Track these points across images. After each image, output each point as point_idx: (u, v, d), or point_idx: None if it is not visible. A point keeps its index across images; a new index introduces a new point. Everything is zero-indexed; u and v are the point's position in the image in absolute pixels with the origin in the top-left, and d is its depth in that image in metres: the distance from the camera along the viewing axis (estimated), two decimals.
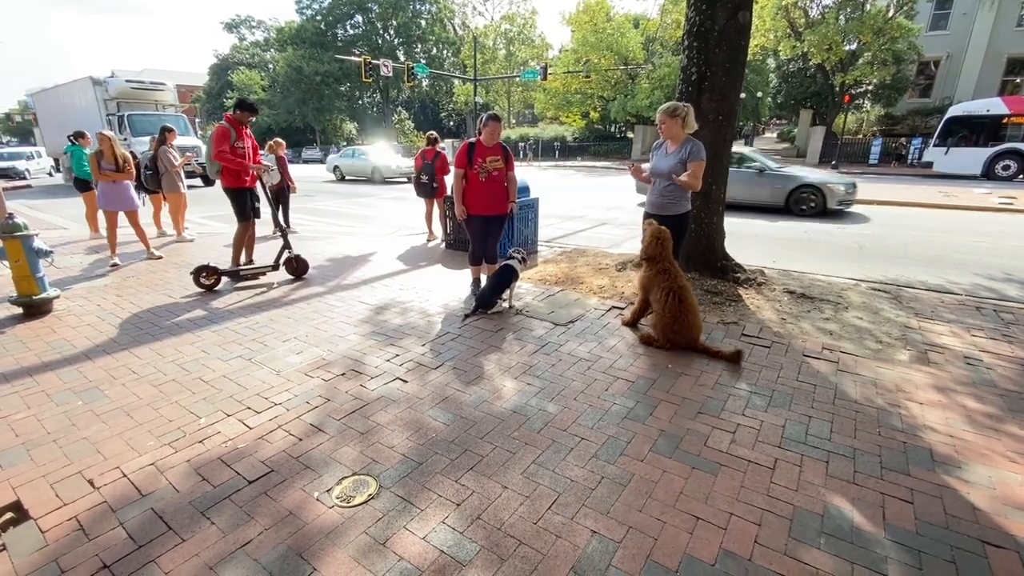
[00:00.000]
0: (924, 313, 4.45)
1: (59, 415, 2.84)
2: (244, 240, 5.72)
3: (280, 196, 7.92)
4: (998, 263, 6.48)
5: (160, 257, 6.64)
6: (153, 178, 7.62)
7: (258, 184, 5.68)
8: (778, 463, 2.42)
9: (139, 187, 7.56)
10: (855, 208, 10.77)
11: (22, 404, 2.95)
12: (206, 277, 5.16)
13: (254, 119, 5.51)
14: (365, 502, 2.16)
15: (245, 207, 5.58)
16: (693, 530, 2.00)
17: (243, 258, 5.85)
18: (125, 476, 2.32)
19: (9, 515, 2.09)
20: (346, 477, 2.32)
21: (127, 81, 17.90)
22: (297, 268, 5.66)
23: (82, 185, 8.00)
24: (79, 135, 8.15)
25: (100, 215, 6.93)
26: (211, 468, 2.38)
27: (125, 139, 16.38)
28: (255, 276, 5.56)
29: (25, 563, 1.85)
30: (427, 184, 7.32)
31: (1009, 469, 2.37)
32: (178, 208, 7.87)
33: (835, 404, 2.95)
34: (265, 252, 6.41)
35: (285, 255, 5.57)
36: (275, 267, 5.57)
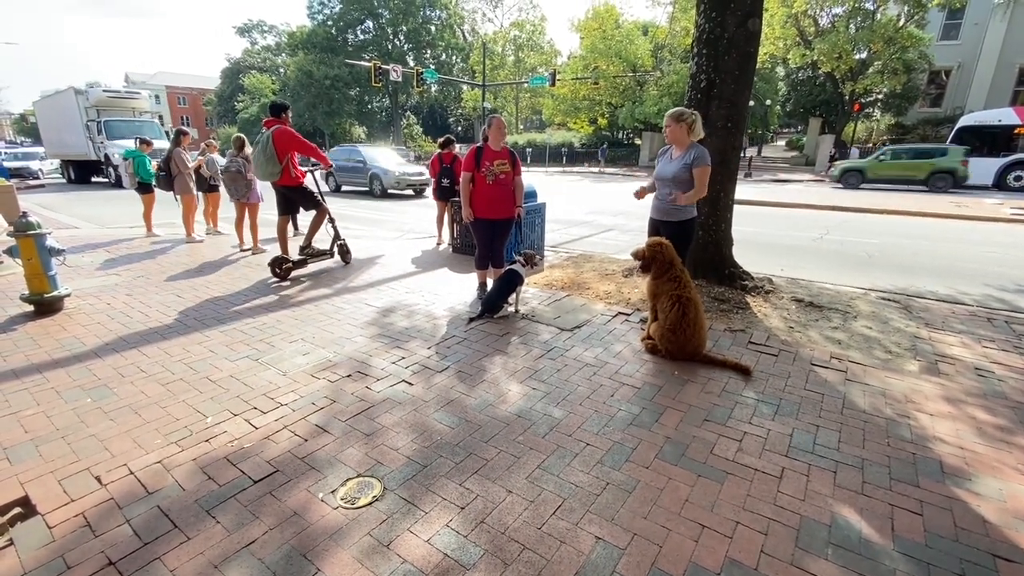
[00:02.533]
0: (934, 323, 4.41)
1: (68, 412, 2.86)
2: (320, 224, 6.18)
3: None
4: (1009, 274, 6.41)
5: (264, 251, 7.07)
6: (166, 179, 7.70)
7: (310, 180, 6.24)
8: (785, 472, 2.40)
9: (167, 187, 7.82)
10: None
11: (32, 401, 2.98)
12: (280, 267, 5.70)
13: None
14: (369, 504, 2.16)
15: (315, 197, 6.07)
16: (699, 538, 1.99)
17: (281, 245, 6.25)
18: (132, 473, 2.34)
19: (17, 510, 2.11)
20: (351, 478, 2.32)
21: (104, 91, 19.57)
22: (345, 254, 6.47)
23: (144, 188, 8.15)
24: (143, 141, 8.32)
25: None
26: (217, 467, 2.39)
27: (102, 142, 17.81)
28: (319, 257, 6.26)
29: (32, 558, 1.87)
30: (448, 187, 7.37)
31: (1020, 482, 2.34)
32: (190, 210, 7.96)
33: (843, 414, 2.92)
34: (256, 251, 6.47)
35: (337, 243, 6.36)
36: (331, 253, 6.35)
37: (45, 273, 4.45)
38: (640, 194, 4.27)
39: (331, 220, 6.27)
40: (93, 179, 20.28)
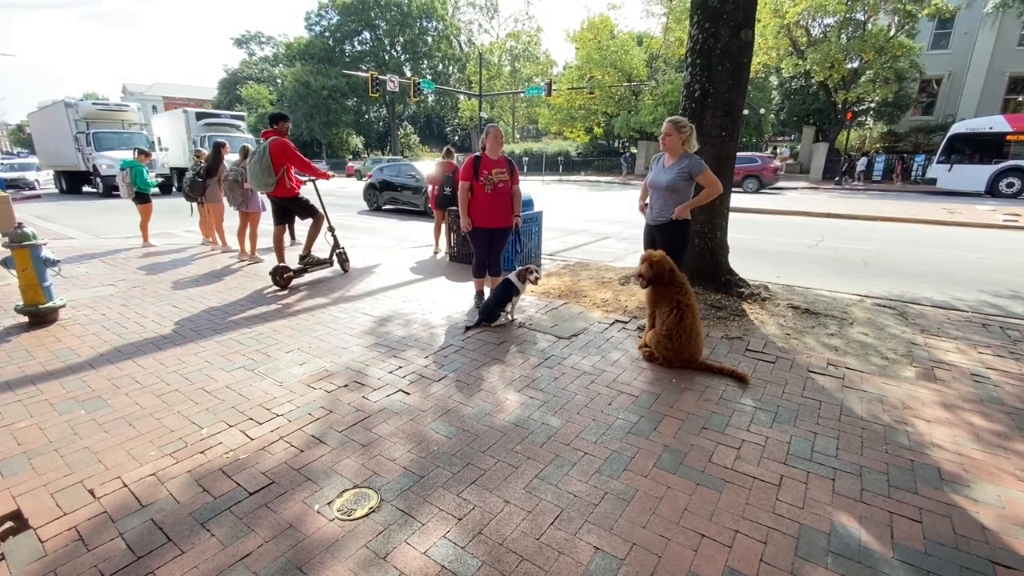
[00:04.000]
0: (930, 329, 4.42)
1: (61, 424, 2.84)
2: (318, 232, 6.25)
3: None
4: (1004, 280, 6.45)
5: (262, 260, 7.15)
6: (199, 187, 7.73)
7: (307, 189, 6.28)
8: (784, 480, 2.39)
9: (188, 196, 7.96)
10: None
11: (25, 413, 2.96)
12: (280, 276, 5.72)
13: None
14: (366, 515, 2.14)
15: (311, 206, 6.11)
16: (698, 548, 1.98)
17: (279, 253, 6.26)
18: (126, 486, 2.31)
19: (9, 524, 2.08)
20: (347, 490, 2.30)
21: (93, 104, 20.14)
22: (344, 262, 6.51)
23: (141, 198, 8.19)
24: (142, 152, 8.38)
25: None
26: (212, 479, 2.37)
27: (91, 153, 18.15)
28: (318, 266, 6.28)
29: (24, 573, 1.84)
30: (449, 196, 7.40)
31: (1018, 488, 2.34)
32: (221, 218, 8.07)
33: (841, 421, 2.92)
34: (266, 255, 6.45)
35: (336, 251, 6.43)
36: (330, 262, 6.38)
37: (40, 284, 4.43)
38: (644, 208, 4.34)
39: (331, 229, 6.32)
40: (84, 189, 20.55)
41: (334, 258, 6.44)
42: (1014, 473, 2.45)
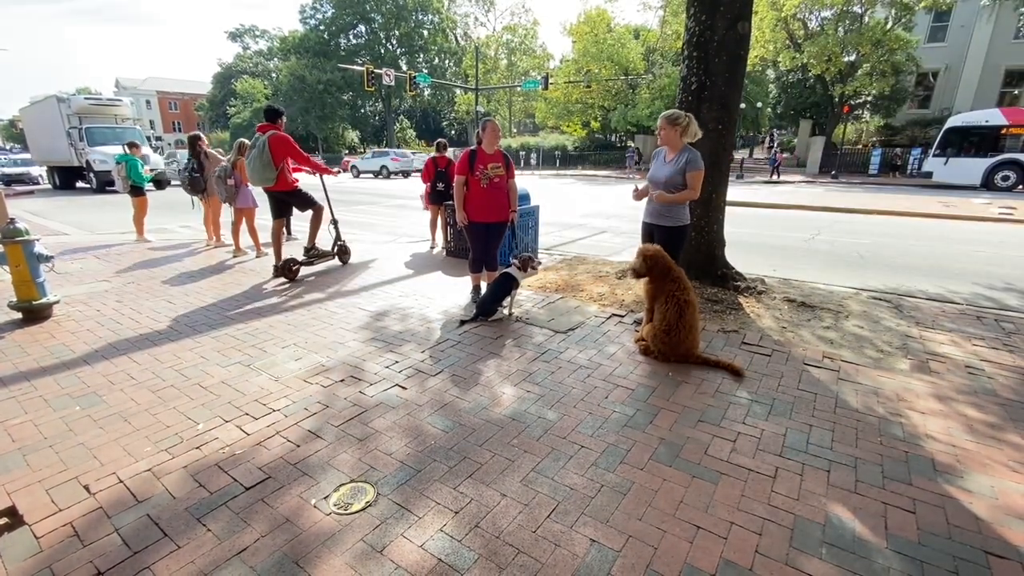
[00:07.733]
0: (924, 322, 4.44)
1: (56, 420, 2.82)
2: (319, 223, 6.30)
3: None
4: (998, 272, 6.48)
5: (267, 254, 6.98)
6: (199, 183, 7.63)
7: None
8: (779, 472, 2.40)
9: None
10: None
11: (20, 409, 2.94)
12: (289, 269, 5.81)
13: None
14: (363, 509, 2.14)
15: (310, 198, 6.10)
16: (693, 539, 1.99)
17: (279, 248, 6.23)
18: (121, 482, 2.31)
19: (3, 520, 2.07)
20: (344, 484, 2.30)
21: (86, 99, 20.16)
22: (344, 255, 6.62)
23: (136, 191, 8.15)
24: (132, 145, 8.30)
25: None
26: (208, 474, 2.36)
27: (83, 149, 18.17)
28: (323, 258, 6.35)
29: (18, 569, 1.84)
30: (443, 191, 7.33)
31: (1011, 479, 2.35)
32: (219, 213, 8.00)
33: (836, 413, 2.93)
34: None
35: (337, 244, 6.51)
36: (333, 254, 6.48)
37: (33, 280, 4.40)
38: (637, 195, 4.27)
39: (333, 221, 6.36)
40: (77, 184, 20.41)
41: (335, 250, 6.49)
42: (1007, 464, 2.47)
